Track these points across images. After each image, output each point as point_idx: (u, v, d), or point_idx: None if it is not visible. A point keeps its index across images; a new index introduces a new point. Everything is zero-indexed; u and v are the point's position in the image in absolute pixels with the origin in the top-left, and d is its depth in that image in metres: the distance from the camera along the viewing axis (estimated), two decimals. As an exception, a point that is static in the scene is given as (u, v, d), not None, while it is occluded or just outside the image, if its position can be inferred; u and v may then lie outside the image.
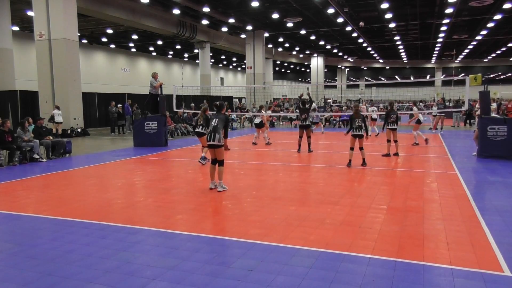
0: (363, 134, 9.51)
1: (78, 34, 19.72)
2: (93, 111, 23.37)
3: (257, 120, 14.92)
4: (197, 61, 42.81)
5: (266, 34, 34.09)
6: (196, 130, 10.01)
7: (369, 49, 42.77)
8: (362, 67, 60.44)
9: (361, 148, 9.54)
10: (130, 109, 20.67)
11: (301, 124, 12.04)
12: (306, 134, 12.00)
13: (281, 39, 37.36)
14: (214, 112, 7.35)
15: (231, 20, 28.31)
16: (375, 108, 21.64)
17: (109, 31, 29.88)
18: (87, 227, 5.14)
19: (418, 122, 13.77)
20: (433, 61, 55.42)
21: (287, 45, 41.12)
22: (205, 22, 28.86)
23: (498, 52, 45.67)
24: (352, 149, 9.51)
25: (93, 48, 36.45)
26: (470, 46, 41.73)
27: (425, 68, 60.31)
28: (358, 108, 9.85)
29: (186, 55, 46.89)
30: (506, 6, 23.32)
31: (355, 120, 9.46)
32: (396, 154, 11.15)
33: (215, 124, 6.95)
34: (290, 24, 30.09)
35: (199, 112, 10.24)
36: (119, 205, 6.31)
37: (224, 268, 3.84)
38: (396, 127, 11.20)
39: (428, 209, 5.82)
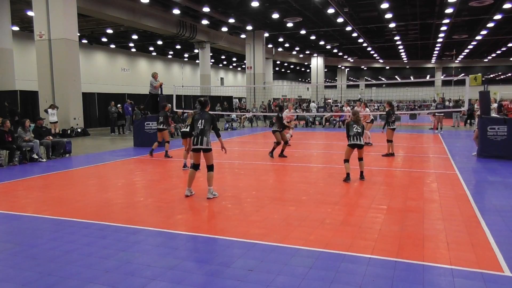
0: (363, 144, 7.99)
1: (78, 34, 19.71)
2: (93, 111, 23.37)
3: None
4: (197, 61, 42.83)
5: (266, 34, 34.09)
6: (183, 130, 9.36)
7: (369, 49, 42.78)
8: (362, 67, 60.46)
9: (360, 159, 8.09)
10: (130, 109, 20.67)
11: (273, 130, 11.12)
12: (280, 139, 10.97)
13: (281, 39, 37.37)
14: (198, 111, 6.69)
15: (231, 20, 28.32)
16: (367, 109, 21.62)
17: (109, 31, 29.88)
18: (87, 227, 5.14)
19: (371, 121, 14.17)
20: (433, 61, 55.43)
21: (287, 45, 41.13)
22: (205, 22, 28.87)
23: (498, 52, 45.69)
24: (347, 161, 7.99)
25: (93, 48, 36.46)
26: (470, 46, 41.75)
27: (425, 68, 60.34)
28: (358, 114, 8.23)
29: (186, 55, 46.90)
30: (506, 6, 23.34)
31: (353, 126, 7.93)
32: (392, 154, 11.11)
33: (202, 127, 6.43)
34: (290, 24, 30.10)
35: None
36: (119, 205, 6.31)
37: (224, 268, 3.84)
38: (395, 127, 11.21)
39: (428, 209, 5.82)
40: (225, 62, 55.98)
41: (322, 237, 4.65)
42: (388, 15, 26.53)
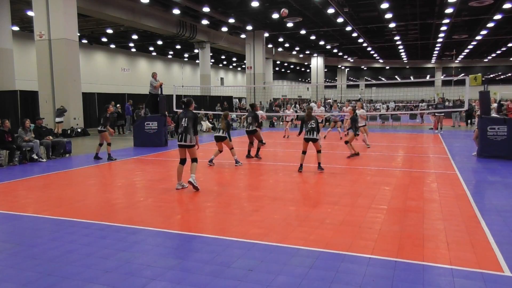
0: (317, 138, 8.84)
1: (78, 34, 19.71)
2: (93, 111, 23.36)
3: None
4: (197, 61, 42.81)
5: (266, 34, 34.09)
6: (215, 134, 9.81)
7: (369, 49, 42.78)
8: (362, 67, 60.47)
9: (318, 152, 9.02)
10: (131, 109, 20.69)
11: (246, 129, 11.02)
12: (256, 139, 10.94)
13: (281, 39, 37.36)
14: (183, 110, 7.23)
15: (231, 20, 28.32)
16: (322, 108, 20.95)
17: (109, 31, 29.87)
18: (87, 227, 5.14)
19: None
20: (433, 61, 55.43)
21: (287, 45, 41.12)
22: (205, 22, 28.86)
23: (498, 52, 45.68)
24: (304, 153, 8.98)
25: (93, 48, 36.44)
26: (470, 46, 41.74)
27: (425, 68, 60.35)
28: (311, 110, 9.12)
29: (186, 55, 46.89)
30: (506, 6, 23.33)
31: (307, 122, 8.79)
32: (357, 154, 11.11)
33: (186, 125, 6.96)
34: (290, 24, 30.10)
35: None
36: (119, 205, 6.31)
37: (224, 268, 3.84)
38: (359, 133, 11.35)
39: (428, 209, 5.82)
40: (225, 62, 55.97)
41: (322, 237, 4.65)
42: (388, 15, 26.52)
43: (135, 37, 32.92)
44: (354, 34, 33.22)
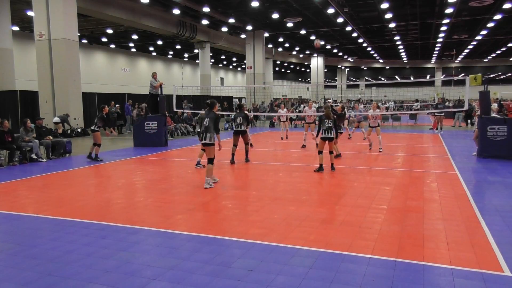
0: (333, 137, 8.83)
1: (78, 34, 19.71)
2: (93, 111, 23.34)
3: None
4: (197, 61, 42.83)
5: (266, 34, 34.09)
6: (198, 130, 9.93)
7: (369, 49, 42.78)
8: (362, 67, 60.47)
9: (330, 152, 9.00)
10: (131, 109, 20.69)
11: (236, 129, 10.42)
12: (244, 141, 10.55)
13: (281, 39, 37.36)
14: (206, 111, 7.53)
15: (231, 20, 28.32)
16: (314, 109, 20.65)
17: (109, 31, 29.87)
18: (87, 227, 5.14)
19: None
20: (433, 61, 55.44)
21: (287, 45, 41.12)
22: (205, 22, 28.87)
23: (498, 52, 45.69)
24: (321, 152, 8.89)
25: (93, 48, 36.44)
26: (470, 46, 41.75)
27: (425, 68, 60.36)
28: (329, 109, 9.13)
29: (186, 55, 46.89)
30: (506, 6, 23.34)
31: (325, 121, 8.79)
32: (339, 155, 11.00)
33: (207, 124, 7.28)
34: (290, 24, 30.10)
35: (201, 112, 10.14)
36: (119, 205, 6.31)
37: (224, 268, 3.85)
38: (342, 131, 11.34)
39: (428, 209, 5.82)
40: (225, 62, 55.97)
41: (322, 237, 4.65)
42: (388, 15, 26.53)
43: (135, 37, 32.92)
44: (354, 34, 33.22)
